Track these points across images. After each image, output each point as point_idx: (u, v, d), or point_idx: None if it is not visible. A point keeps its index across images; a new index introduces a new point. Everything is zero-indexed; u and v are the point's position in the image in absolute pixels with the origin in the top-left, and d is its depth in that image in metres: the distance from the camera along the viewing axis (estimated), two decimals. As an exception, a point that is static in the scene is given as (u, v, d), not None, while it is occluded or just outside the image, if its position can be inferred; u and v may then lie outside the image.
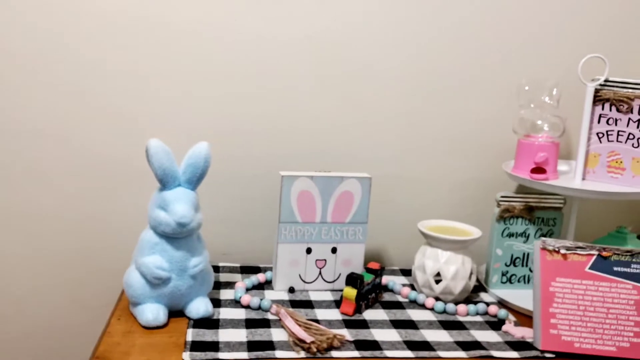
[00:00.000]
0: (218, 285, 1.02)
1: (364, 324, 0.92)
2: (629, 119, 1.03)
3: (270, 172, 1.12)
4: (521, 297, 1.06)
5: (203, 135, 0.97)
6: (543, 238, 0.91)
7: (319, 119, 1.15)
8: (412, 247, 1.18)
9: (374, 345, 0.85)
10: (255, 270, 1.11)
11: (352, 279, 0.95)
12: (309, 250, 1.03)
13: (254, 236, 1.17)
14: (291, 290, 1.03)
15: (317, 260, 1.04)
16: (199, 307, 0.89)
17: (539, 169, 1.05)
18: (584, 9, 1.16)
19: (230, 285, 1.03)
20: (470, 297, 1.06)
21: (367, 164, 1.16)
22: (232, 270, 1.11)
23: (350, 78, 1.14)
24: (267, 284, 1.06)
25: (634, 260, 0.90)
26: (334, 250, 1.04)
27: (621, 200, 1.24)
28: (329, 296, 1.03)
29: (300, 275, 1.04)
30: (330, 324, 0.92)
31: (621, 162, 1.04)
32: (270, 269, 1.10)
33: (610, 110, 1.04)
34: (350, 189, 1.02)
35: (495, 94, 1.17)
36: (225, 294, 1.00)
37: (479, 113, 1.18)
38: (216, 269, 1.10)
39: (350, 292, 0.95)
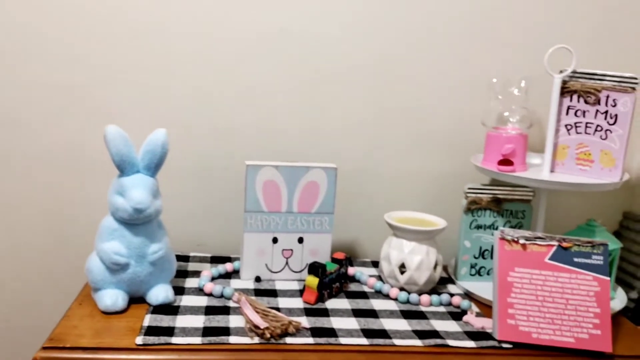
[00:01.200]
0: (185, 274, 1.03)
1: (324, 313, 0.93)
2: (597, 110, 1.02)
3: (238, 163, 1.13)
4: (488, 289, 1.06)
5: (172, 127, 0.97)
6: (502, 228, 0.91)
7: (288, 112, 1.15)
8: (383, 240, 1.18)
9: (330, 332, 0.86)
10: (226, 260, 1.12)
11: (314, 268, 0.95)
12: (275, 240, 1.03)
13: (226, 227, 1.18)
14: (257, 279, 1.04)
15: (283, 250, 1.04)
16: (159, 293, 0.90)
17: (506, 161, 1.04)
18: (550, 0, 1.16)
19: (197, 274, 1.04)
20: (436, 288, 1.06)
21: (337, 158, 1.16)
22: (202, 260, 1.11)
23: (320, 71, 1.14)
24: (234, 274, 1.06)
25: (594, 251, 0.90)
26: (300, 240, 1.04)
27: (591, 192, 1.23)
28: (294, 285, 1.03)
29: (267, 265, 1.04)
30: (290, 312, 0.92)
31: (590, 154, 1.04)
32: (238, 259, 1.11)
33: (578, 101, 1.04)
34: (315, 179, 1.02)
35: (464, 87, 1.17)
36: (191, 282, 1.00)
37: (448, 106, 1.18)
38: (187, 258, 1.11)
39: (312, 281, 0.95)
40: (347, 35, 1.13)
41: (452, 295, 1.02)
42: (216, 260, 1.12)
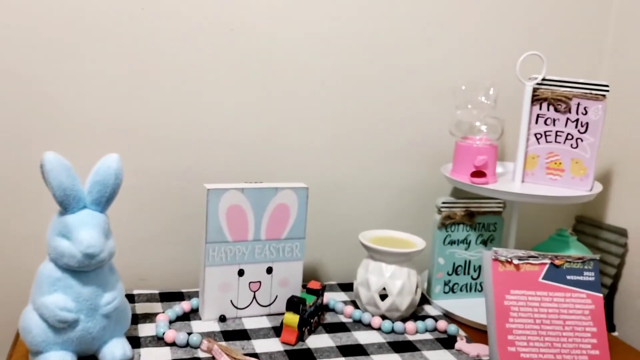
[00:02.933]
0: (135, 319, 0.88)
1: (308, 355, 0.82)
2: (567, 118, 1.00)
3: (192, 185, 0.99)
4: (465, 307, 1.01)
5: (113, 146, 0.82)
6: (494, 248, 0.86)
7: (247, 126, 1.03)
8: (349, 259, 1.11)
9: (324, 379, 0.76)
10: (178, 296, 0.97)
11: (293, 304, 0.84)
12: (241, 273, 0.91)
13: (174, 257, 1.03)
14: (222, 319, 0.91)
15: (250, 282, 0.92)
16: (115, 350, 0.75)
17: (478, 172, 1.00)
18: (519, 7, 1.13)
19: (149, 317, 0.89)
20: (415, 311, 0.99)
21: (299, 174, 1.06)
22: (150, 298, 0.96)
23: (281, 82, 1.03)
24: (193, 313, 0.93)
25: (585, 267, 0.87)
26: (269, 271, 0.93)
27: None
28: (265, 322, 0.92)
29: (232, 301, 0.92)
30: (271, 357, 0.81)
31: (560, 163, 1.01)
32: (196, 294, 0.97)
33: (548, 110, 1.01)
34: (285, 201, 0.92)
35: (431, 96, 1.11)
36: (145, 330, 0.86)
37: (415, 116, 1.11)
38: (131, 298, 0.95)
39: (292, 319, 0.84)
40: (311, 47, 1.03)
41: (435, 319, 0.95)
42: (167, 297, 0.97)
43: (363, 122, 1.09)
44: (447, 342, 0.90)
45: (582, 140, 0.99)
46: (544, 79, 1.00)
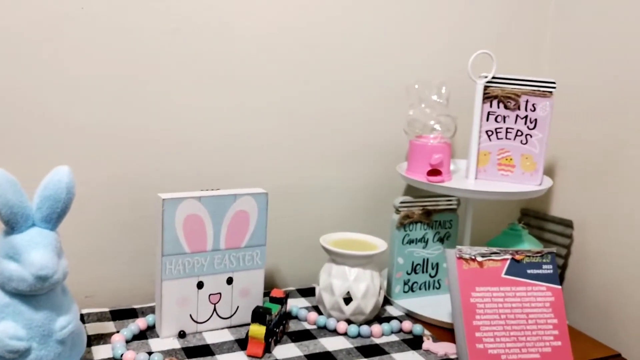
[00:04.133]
0: (88, 341, 0.82)
1: (277, 366, 0.80)
2: (517, 115, 1.02)
3: (143, 194, 0.94)
4: (426, 305, 1.02)
5: (59, 156, 0.76)
6: (458, 247, 0.86)
7: (201, 131, 0.98)
8: (307, 264, 1.09)
9: (298, 392, 0.73)
10: (131, 313, 0.92)
11: (259, 315, 0.81)
12: (200, 285, 0.87)
13: (124, 272, 0.97)
14: (181, 334, 0.86)
15: (210, 294, 0.88)
16: (72, 379, 0.69)
17: (434, 171, 1.00)
18: (469, 7, 1.14)
19: (103, 338, 0.83)
20: (378, 312, 0.98)
21: (257, 179, 1.02)
22: (101, 317, 0.90)
23: (236, 87, 0.99)
24: (150, 331, 0.87)
25: (544, 260, 0.89)
26: (229, 281, 0.89)
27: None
28: (227, 335, 0.88)
29: (191, 315, 0.87)
30: (239, 372, 0.77)
31: (511, 159, 1.04)
32: (151, 310, 0.92)
33: (498, 107, 1.03)
34: (244, 208, 0.88)
35: (384, 95, 1.11)
36: (101, 352, 0.80)
37: (369, 116, 1.11)
38: (82, 318, 0.88)
39: (258, 330, 0.81)
40: (266, 50, 0.99)
41: (400, 320, 0.95)
42: (119, 315, 0.91)
43: (318, 125, 1.07)
44: (414, 342, 0.89)
45: (531, 136, 1.02)
46: (494, 77, 1.02)
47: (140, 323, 0.87)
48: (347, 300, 0.92)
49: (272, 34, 1.00)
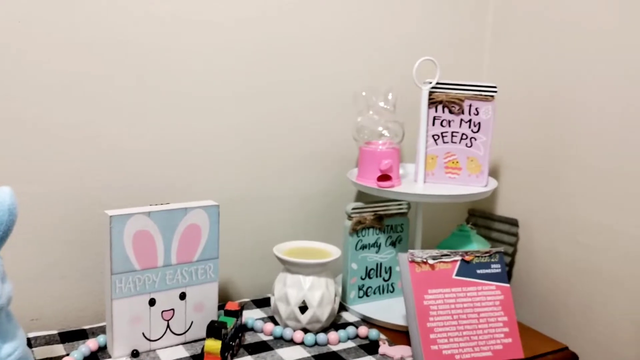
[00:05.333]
0: (35, 367, 0.79)
1: (235, 380, 0.79)
2: (461, 119, 1.05)
3: (89, 211, 0.91)
4: (380, 310, 1.03)
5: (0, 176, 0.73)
6: (410, 250, 0.88)
7: (148, 144, 0.96)
8: (261, 274, 1.08)
9: (257, 406, 0.72)
10: (81, 335, 0.89)
11: (214, 329, 0.80)
12: (152, 302, 0.85)
13: (71, 292, 0.94)
14: (135, 354, 0.84)
15: (163, 311, 0.86)
16: (19, 408, 0.66)
17: (384, 176, 1.02)
18: (413, 14, 1.16)
19: (52, 363, 0.80)
20: (334, 319, 0.99)
21: (205, 191, 1.01)
22: (49, 340, 0.87)
23: (178, 94, 0.97)
24: (101, 352, 0.85)
25: (492, 260, 0.91)
26: (182, 296, 0.88)
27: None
28: (182, 352, 0.86)
29: (143, 333, 0.85)
30: (196, 389, 0.76)
31: (457, 162, 1.06)
32: (101, 330, 0.89)
33: (443, 112, 1.05)
34: (196, 221, 0.87)
35: (333, 103, 1.11)
36: (49, 378, 0.77)
37: (318, 123, 1.11)
38: (28, 343, 0.85)
39: (214, 345, 0.80)
40: (213, 57, 0.99)
41: (356, 326, 0.95)
42: (68, 337, 0.88)
43: (268, 133, 1.06)
44: (370, 347, 0.90)
45: (475, 139, 1.05)
46: (438, 83, 1.04)
47: (91, 344, 0.84)
48: (303, 309, 0.92)
49: (219, 47, 0.99)
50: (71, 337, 0.88)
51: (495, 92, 1.03)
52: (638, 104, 0.98)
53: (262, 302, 1.04)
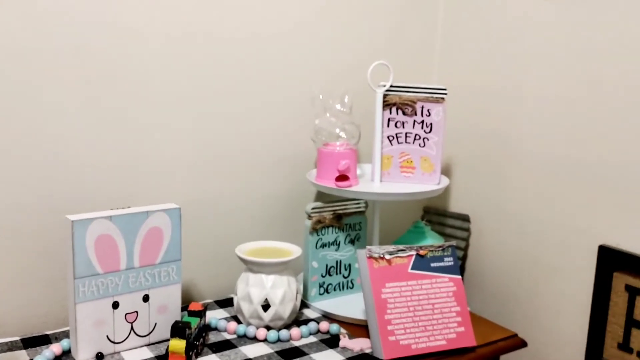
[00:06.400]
0: (-2, 374, 0.79)
1: (200, 378, 0.81)
2: (414, 120, 1.10)
3: (50, 216, 0.92)
4: (341, 305, 1.07)
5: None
6: (368, 247, 0.91)
7: (107, 148, 0.97)
8: (224, 275, 1.10)
9: (222, 401, 0.75)
10: (44, 340, 0.89)
11: (178, 329, 0.82)
12: (115, 305, 0.86)
13: (35, 298, 0.94)
14: (99, 356, 0.85)
15: (126, 314, 0.87)
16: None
17: (342, 177, 1.05)
18: (366, 19, 1.20)
19: (15, 369, 0.81)
20: (296, 316, 1.01)
21: (167, 194, 1.03)
22: (12, 346, 0.87)
23: (134, 98, 0.98)
24: (65, 356, 0.85)
25: (445, 254, 0.96)
26: (145, 299, 0.89)
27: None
28: (147, 353, 0.88)
29: (107, 336, 0.86)
30: (162, 388, 0.78)
31: (411, 161, 1.11)
32: (64, 335, 0.90)
33: (397, 113, 1.10)
34: (157, 224, 0.88)
35: (292, 105, 1.14)
36: (13, 384, 0.77)
37: (278, 126, 1.14)
38: (-12, 350, 0.85)
39: (178, 345, 0.82)
40: (168, 63, 1.00)
41: (317, 322, 0.98)
42: (31, 343, 0.89)
43: (228, 136, 1.09)
44: (331, 341, 0.94)
45: (428, 140, 1.10)
46: (391, 86, 1.08)
47: (55, 349, 0.85)
48: (266, 307, 0.95)
49: (177, 52, 1.01)
50: (34, 342, 0.88)
51: (446, 94, 1.07)
52: (578, 105, 1.05)
53: (226, 303, 1.06)
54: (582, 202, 1.04)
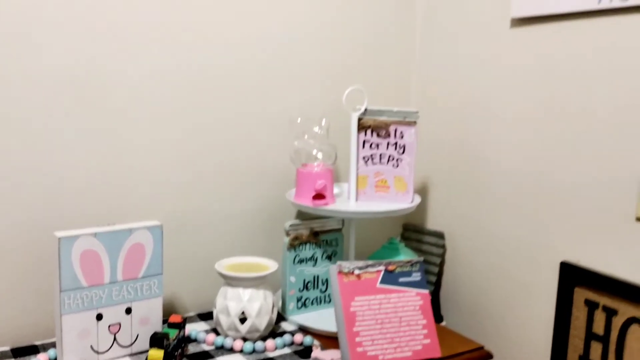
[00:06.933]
0: (-13, 381, 0.84)
1: (177, 386, 0.86)
2: (388, 142, 1.15)
3: (38, 233, 0.97)
4: (317, 319, 1.12)
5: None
6: (339, 262, 0.97)
7: (92, 167, 1.03)
8: (206, 289, 1.15)
9: (195, 407, 0.80)
10: (32, 350, 0.94)
11: (157, 339, 0.87)
12: (99, 317, 0.92)
13: (25, 310, 1.00)
14: (83, 365, 0.90)
15: (110, 325, 0.93)
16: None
17: (318, 195, 1.11)
18: (344, 44, 1.26)
19: (3, 377, 0.86)
20: (273, 329, 1.07)
21: (150, 210, 1.08)
22: (2, 356, 0.92)
23: (118, 115, 1.04)
24: (51, 365, 0.91)
25: (413, 269, 1.01)
26: (128, 311, 0.94)
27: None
28: (128, 362, 0.93)
29: (92, 347, 0.91)
30: (140, 395, 0.83)
31: (386, 181, 1.16)
32: (52, 345, 0.95)
33: (372, 135, 1.16)
34: (140, 241, 0.94)
35: (272, 127, 1.20)
36: (1, 391, 0.82)
37: (259, 146, 1.20)
38: (-22, 359, 0.91)
39: (157, 354, 0.87)
40: (152, 82, 1.06)
41: (292, 334, 1.03)
42: (20, 352, 0.94)
43: (210, 154, 1.14)
44: (304, 353, 0.98)
45: (401, 160, 1.15)
46: (366, 109, 1.14)
47: (42, 357, 0.90)
48: (243, 319, 1.00)
49: (161, 70, 1.07)
50: (23, 352, 0.94)
51: (418, 117, 1.13)
52: (542, 125, 1.10)
53: (207, 316, 1.11)
54: (547, 219, 1.10)
